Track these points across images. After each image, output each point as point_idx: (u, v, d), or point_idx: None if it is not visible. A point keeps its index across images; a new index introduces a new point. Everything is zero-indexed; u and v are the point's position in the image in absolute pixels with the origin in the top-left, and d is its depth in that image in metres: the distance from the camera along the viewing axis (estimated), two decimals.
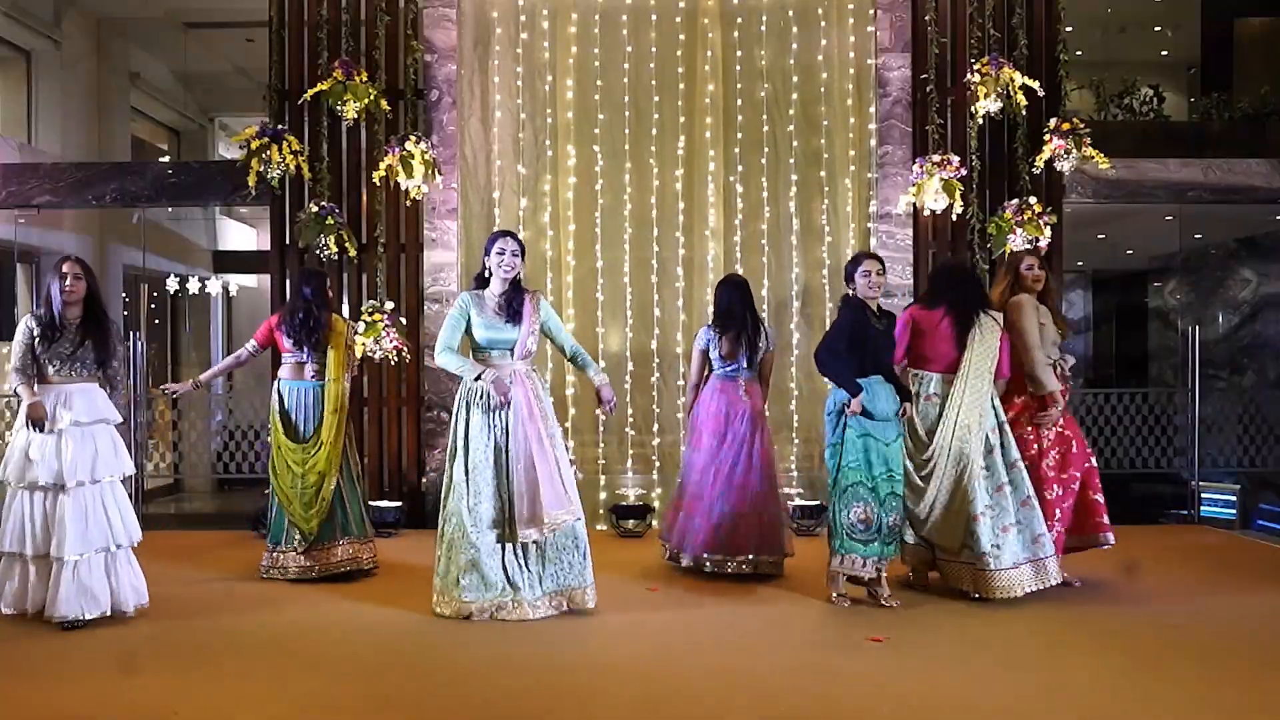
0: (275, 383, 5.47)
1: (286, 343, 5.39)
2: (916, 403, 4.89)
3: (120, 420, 4.68)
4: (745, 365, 5.44)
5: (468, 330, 4.64)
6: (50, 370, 4.50)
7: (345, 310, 6.92)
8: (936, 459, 4.81)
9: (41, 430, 4.40)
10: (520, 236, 4.99)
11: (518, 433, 4.52)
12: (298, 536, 5.31)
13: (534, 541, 4.52)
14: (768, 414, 5.60)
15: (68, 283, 4.47)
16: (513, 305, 4.62)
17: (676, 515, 5.54)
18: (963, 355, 4.84)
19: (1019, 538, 4.72)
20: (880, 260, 4.88)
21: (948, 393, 4.84)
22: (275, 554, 5.36)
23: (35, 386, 4.48)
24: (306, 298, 5.40)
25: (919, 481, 4.87)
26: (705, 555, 5.27)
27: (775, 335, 5.97)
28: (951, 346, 4.86)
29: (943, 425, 4.82)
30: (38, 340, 4.48)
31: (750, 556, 5.26)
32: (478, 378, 4.52)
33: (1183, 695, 3.59)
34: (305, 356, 5.38)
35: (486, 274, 4.68)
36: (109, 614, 4.47)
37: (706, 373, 5.59)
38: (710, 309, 6.01)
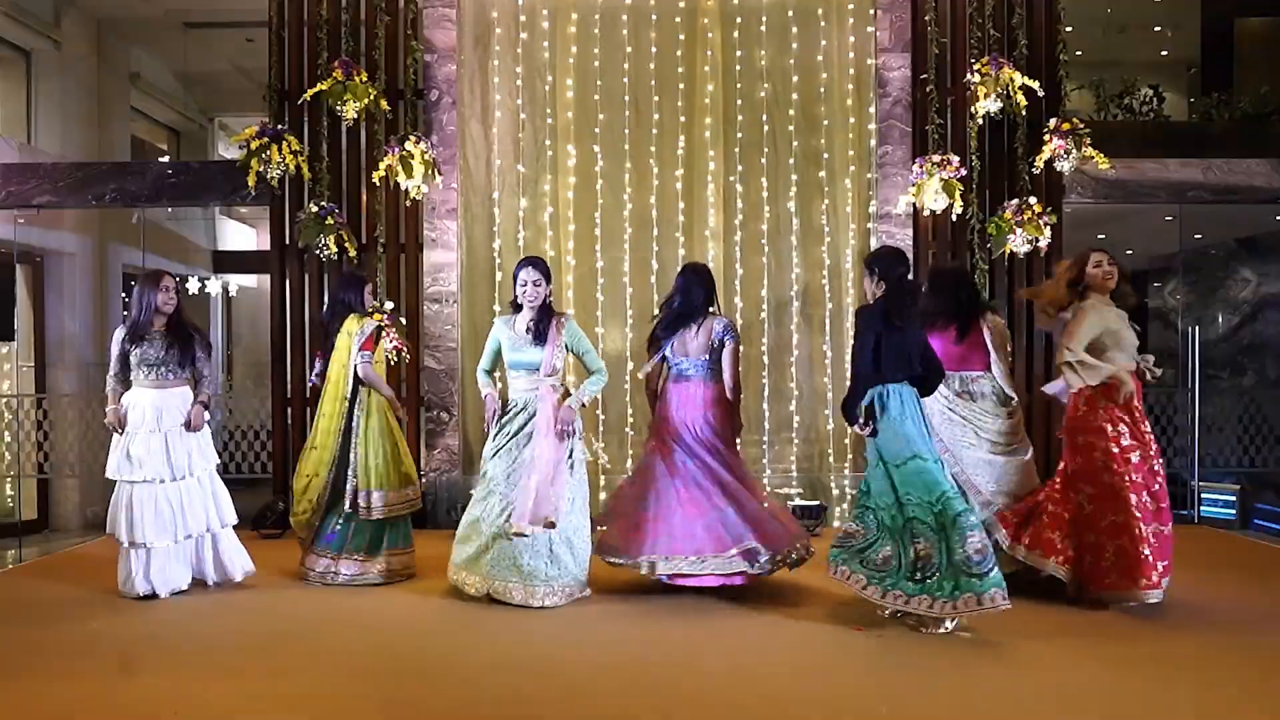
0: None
1: None
2: None
3: None
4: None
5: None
6: None
7: None
8: None
9: None
10: (544, 260, 5.17)
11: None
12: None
13: None
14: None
15: None
16: (540, 328, 4.89)
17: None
18: None
19: None
20: None
21: None
22: None
23: None
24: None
25: None
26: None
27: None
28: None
29: None
30: None
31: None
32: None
33: (1182, 696, 3.59)
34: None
35: (516, 300, 4.97)
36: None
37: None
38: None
